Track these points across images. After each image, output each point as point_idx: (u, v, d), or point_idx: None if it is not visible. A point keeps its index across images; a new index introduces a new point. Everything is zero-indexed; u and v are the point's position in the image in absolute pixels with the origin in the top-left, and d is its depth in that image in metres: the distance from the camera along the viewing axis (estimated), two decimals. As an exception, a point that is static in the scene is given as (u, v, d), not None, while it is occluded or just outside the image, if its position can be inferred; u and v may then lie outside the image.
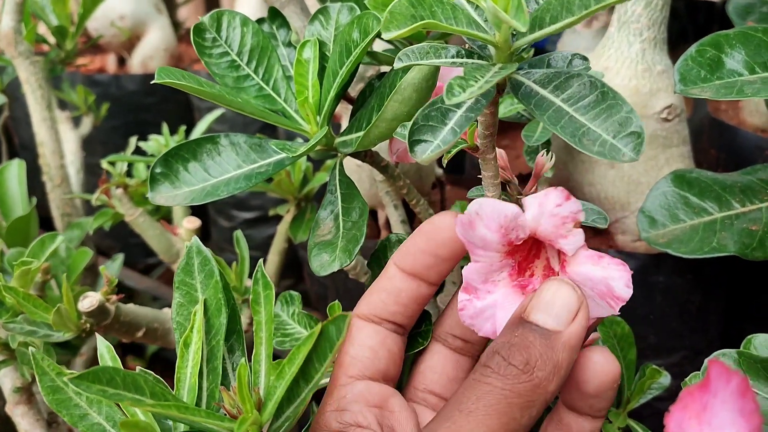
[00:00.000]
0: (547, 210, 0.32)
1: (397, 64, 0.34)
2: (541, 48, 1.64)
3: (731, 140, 0.65)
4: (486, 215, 0.33)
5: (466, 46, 0.37)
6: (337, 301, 0.48)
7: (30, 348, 0.35)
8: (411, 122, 0.35)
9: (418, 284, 0.37)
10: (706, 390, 0.25)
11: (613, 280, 0.32)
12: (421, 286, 0.38)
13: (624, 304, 0.32)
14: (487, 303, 0.35)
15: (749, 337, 0.42)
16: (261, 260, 0.36)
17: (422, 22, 0.32)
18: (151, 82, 0.42)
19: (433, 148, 0.33)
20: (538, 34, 0.33)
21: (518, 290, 0.35)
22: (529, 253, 0.36)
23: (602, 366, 0.34)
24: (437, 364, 0.39)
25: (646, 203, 0.52)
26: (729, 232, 0.49)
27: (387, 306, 0.38)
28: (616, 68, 0.58)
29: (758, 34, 0.45)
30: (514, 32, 0.34)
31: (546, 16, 0.32)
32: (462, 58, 0.35)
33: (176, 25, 1.40)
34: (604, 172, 0.60)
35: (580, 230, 0.33)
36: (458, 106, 0.35)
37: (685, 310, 0.59)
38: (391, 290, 0.38)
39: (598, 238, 0.62)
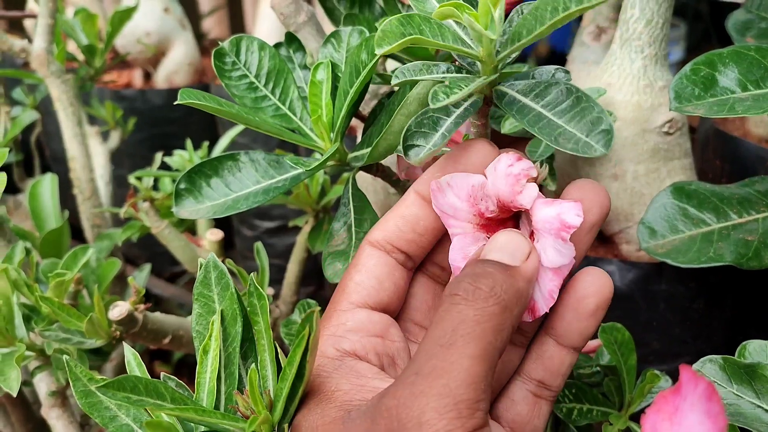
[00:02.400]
0: (501, 171, 0.35)
1: (394, 81, 0.37)
2: (561, 52, 1.65)
3: (735, 151, 0.66)
4: (455, 184, 0.36)
5: (456, 63, 0.40)
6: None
7: (64, 356, 0.38)
8: (404, 129, 0.37)
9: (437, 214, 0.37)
10: (678, 394, 0.27)
11: (563, 214, 0.34)
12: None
13: (574, 231, 0.34)
14: None
15: (744, 343, 0.44)
16: (252, 274, 0.38)
17: (410, 37, 0.36)
18: (175, 103, 0.46)
19: (425, 152, 0.36)
20: (516, 46, 0.36)
21: None
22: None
23: (599, 281, 0.35)
24: (417, 292, 0.39)
25: (646, 215, 0.54)
26: (726, 242, 0.51)
27: (403, 234, 0.37)
28: (619, 84, 0.60)
29: (750, 52, 0.47)
30: (498, 49, 0.37)
31: (523, 30, 0.35)
32: (452, 73, 0.38)
33: (200, 36, 1.44)
34: (608, 185, 0.62)
35: (534, 184, 0.35)
36: (448, 114, 0.38)
37: (687, 317, 0.61)
38: (410, 217, 0.37)
39: (604, 247, 0.64)
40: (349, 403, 0.33)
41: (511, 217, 0.38)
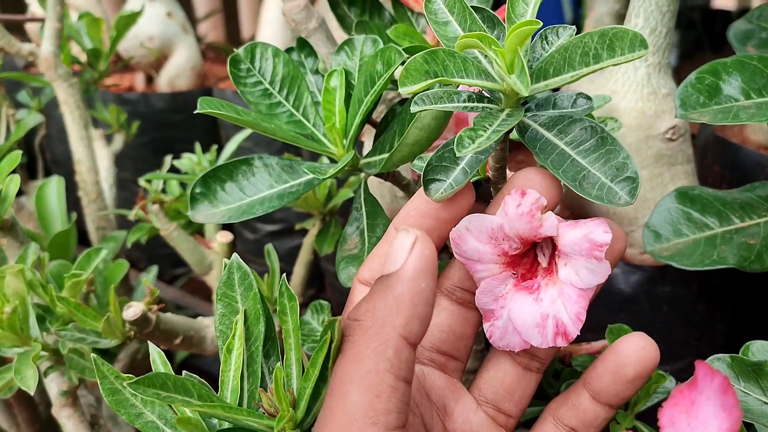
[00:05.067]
0: (512, 214, 0.35)
1: (414, 109, 0.37)
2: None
3: (734, 157, 0.68)
4: (475, 228, 0.36)
5: (478, 90, 0.40)
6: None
7: (92, 354, 0.39)
8: (426, 163, 0.37)
9: None
10: (694, 388, 0.28)
11: (591, 233, 0.33)
12: None
13: (607, 247, 0.33)
14: (506, 318, 0.37)
15: (747, 343, 0.45)
16: (284, 274, 0.39)
17: (436, 79, 0.35)
18: (195, 112, 0.47)
19: (445, 187, 0.36)
20: (542, 84, 0.35)
21: (524, 291, 0.37)
22: (531, 264, 0.38)
23: (643, 350, 0.34)
24: (444, 321, 0.39)
25: (651, 219, 0.55)
26: (729, 245, 0.52)
27: None
28: (623, 91, 0.61)
29: (753, 62, 0.49)
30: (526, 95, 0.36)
31: (550, 68, 0.35)
32: (473, 102, 0.37)
33: (197, 40, 1.45)
34: (612, 189, 0.63)
35: (550, 213, 0.35)
36: None
37: (690, 319, 0.62)
38: None
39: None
40: None
41: (531, 246, 0.38)
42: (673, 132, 0.61)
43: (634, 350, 0.35)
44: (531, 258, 0.38)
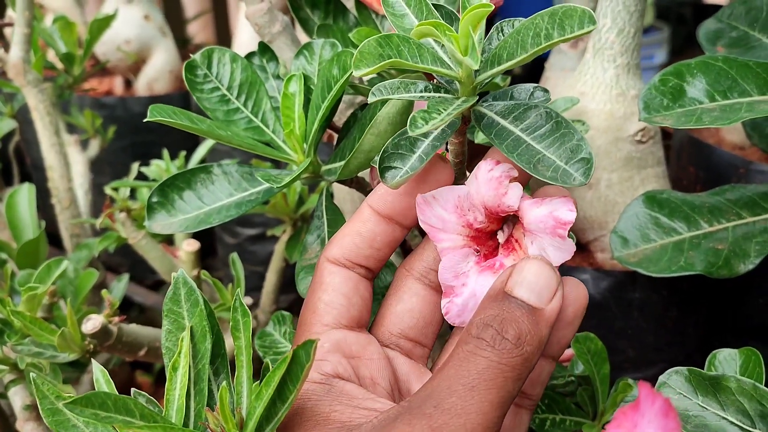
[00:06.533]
0: (482, 177, 0.35)
1: (371, 99, 0.37)
2: (541, 56, 1.66)
3: (708, 158, 0.67)
4: (441, 196, 0.36)
5: (434, 81, 0.40)
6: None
7: (32, 373, 0.38)
8: (381, 150, 0.37)
9: (393, 228, 0.37)
10: (636, 410, 0.27)
11: (556, 210, 0.34)
12: (396, 230, 0.38)
13: (571, 226, 0.34)
14: (466, 295, 0.37)
15: (714, 352, 0.44)
16: (239, 290, 0.38)
17: (389, 60, 0.35)
18: (144, 120, 0.45)
19: (402, 174, 0.36)
20: (496, 70, 0.35)
21: (488, 271, 0.37)
22: (495, 247, 0.38)
23: (575, 290, 0.36)
24: (415, 306, 0.39)
25: (619, 224, 0.54)
26: (696, 251, 0.51)
27: (361, 250, 0.37)
28: (592, 93, 0.60)
29: (718, 63, 0.48)
30: (477, 69, 0.36)
31: (503, 53, 0.35)
32: (429, 92, 0.38)
33: (184, 41, 1.44)
34: (583, 194, 0.62)
35: (517, 183, 0.35)
36: (426, 135, 0.37)
37: (661, 324, 0.61)
38: (366, 234, 0.37)
39: (580, 255, 0.64)
40: (348, 423, 0.34)
41: (500, 228, 0.38)
42: (643, 134, 0.60)
43: (568, 291, 0.35)
44: (495, 241, 0.38)
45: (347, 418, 0.34)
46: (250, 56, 0.55)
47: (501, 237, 0.37)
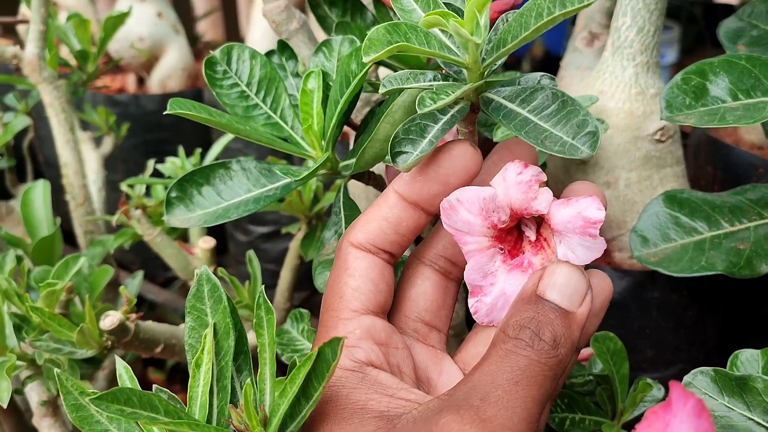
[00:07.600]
0: (511, 180, 0.35)
1: (382, 89, 0.38)
2: (556, 54, 1.65)
3: (726, 158, 0.67)
4: (466, 199, 0.36)
5: (443, 71, 0.40)
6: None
7: (56, 369, 0.38)
8: (392, 136, 0.37)
9: (419, 214, 0.37)
10: (668, 410, 0.27)
11: (584, 211, 0.34)
12: (421, 216, 0.37)
13: (601, 225, 0.34)
14: (496, 294, 0.37)
15: (736, 352, 0.44)
16: (263, 286, 0.38)
17: (396, 45, 0.36)
18: (164, 113, 0.45)
19: (413, 158, 0.36)
20: (501, 52, 0.36)
21: (517, 269, 0.37)
22: (516, 240, 0.38)
23: (601, 282, 0.36)
24: (428, 289, 0.39)
25: (638, 223, 0.54)
26: (717, 251, 0.51)
27: (387, 236, 0.37)
28: (611, 92, 0.60)
29: (741, 61, 0.47)
30: (484, 56, 0.37)
31: (508, 37, 0.35)
32: (438, 81, 0.38)
33: (195, 39, 1.44)
34: (601, 192, 0.62)
35: (547, 188, 0.35)
36: (435, 120, 0.38)
37: (681, 324, 0.61)
38: (393, 219, 0.37)
39: (597, 254, 0.64)
40: (387, 414, 0.34)
41: (517, 224, 0.38)
42: (662, 133, 0.60)
43: (595, 283, 0.36)
44: (515, 235, 0.38)
45: (384, 408, 0.34)
46: (269, 54, 0.55)
47: (531, 235, 0.37)
